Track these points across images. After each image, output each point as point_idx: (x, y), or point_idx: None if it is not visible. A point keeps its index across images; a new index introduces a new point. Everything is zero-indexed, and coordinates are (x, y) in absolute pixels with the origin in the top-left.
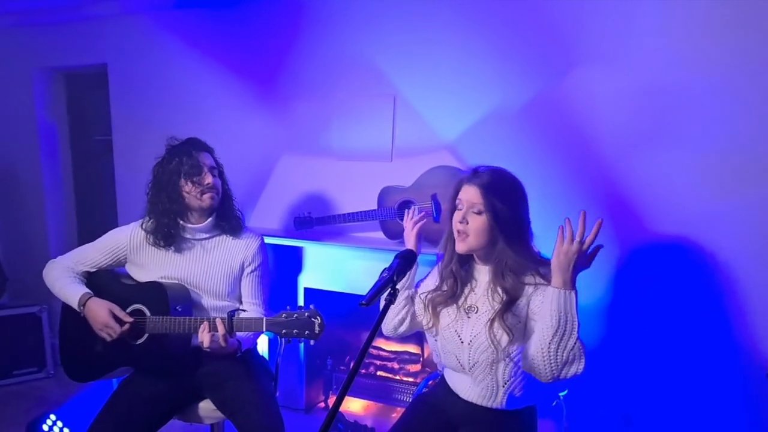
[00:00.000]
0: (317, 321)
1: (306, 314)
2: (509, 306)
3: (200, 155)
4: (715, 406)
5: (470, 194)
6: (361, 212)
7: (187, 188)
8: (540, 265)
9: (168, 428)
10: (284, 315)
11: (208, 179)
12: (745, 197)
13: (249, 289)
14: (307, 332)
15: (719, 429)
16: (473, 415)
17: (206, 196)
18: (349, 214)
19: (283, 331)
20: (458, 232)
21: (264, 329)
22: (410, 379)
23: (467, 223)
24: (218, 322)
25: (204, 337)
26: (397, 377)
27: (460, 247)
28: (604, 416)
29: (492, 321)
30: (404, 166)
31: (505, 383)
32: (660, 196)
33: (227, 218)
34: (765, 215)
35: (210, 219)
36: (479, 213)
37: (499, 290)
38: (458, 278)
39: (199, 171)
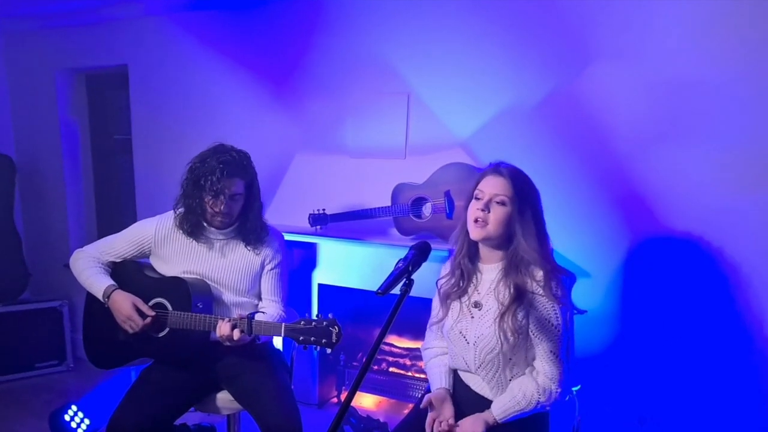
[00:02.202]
0: (335, 330)
1: (324, 323)
2: (520, 303)
3: (226, 181)
4: (730, 406)
5: (495, 185)
6: (374, 209)
7: (207, 202)
8: (554, 270)
9: (186, 418)
10: (303, 322)
11: (220, 207)
12: (765, 194)
13: (269, 286)
14: (324, 340)
15: (734, 430)
16: (484, 408)
17: (216, 218)
18: (362, 210)
19: (301, 337)
20: (476, 219)
21: (282, 334)
22: (422, 376)
23: (488, 212)
24: (236, 332)
25: (225, 330)
26: (410, 374)
27: (477, 233)
28: (617, 412)
29: (503, 315)
30: (418, 164)
31: (512, 379)
32: (677, 194)
33: (247, 232)
34: None
35: (230, 228)
36: (502, 204)
37: (510, 286)
38: (465, 271)
39: (218, 195)
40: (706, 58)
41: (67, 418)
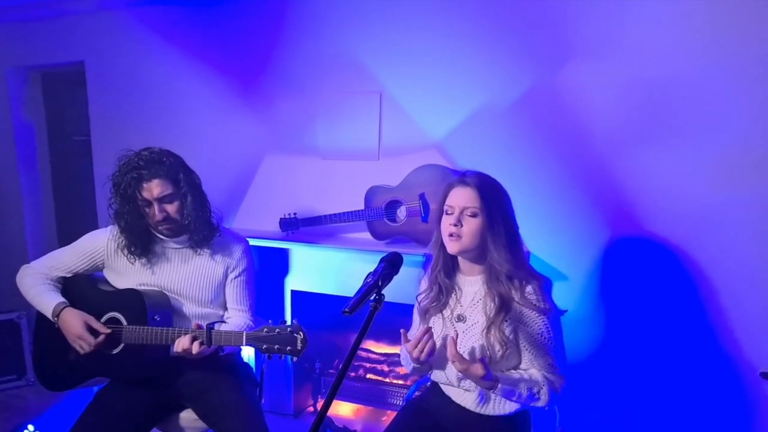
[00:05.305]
0: (300, 336)
1: (288, 329)
2: (506, 312)
3: (150, 185)
4: (709, 407)
5: (463, 197)
6: (347, 213)
7: (146, 215)
8: (528, 277)
9: None
10: (266, 329)
11: (157, 216)
12: (748, 196)
13: (234, 295)
14: (288, 348)
15: None
16: (466, 420)
17: (161, 227)
18: (335, 214)
19: (264, 346)
20: (450, 234)
21: (244, 344)
22: (400, 382)
23: (461, 226)
24: (195, 345)
25: (185, 343)
26: (387, 380)
27: (453, 248)
28: (598, 422)
29: (489, 328)
30: (391, 165)
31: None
32: (658, 195)
33: (200, 233)
34: (765, 215)
35: (183, 236)
36: (474, 215)
37: (495, 297)
38: (443, 286)
39: (149, 204)
40: (687, 56)
41: None
